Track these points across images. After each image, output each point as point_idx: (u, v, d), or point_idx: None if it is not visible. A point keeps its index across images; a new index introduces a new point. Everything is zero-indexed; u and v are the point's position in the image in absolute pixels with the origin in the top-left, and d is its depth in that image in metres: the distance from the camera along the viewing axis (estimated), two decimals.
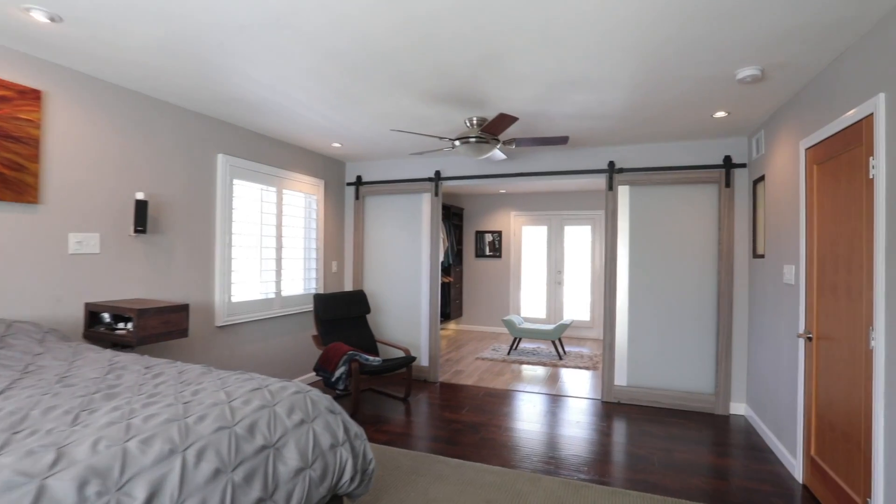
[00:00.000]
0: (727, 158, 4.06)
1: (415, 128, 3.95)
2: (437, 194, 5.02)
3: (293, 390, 1.64)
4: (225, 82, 2.96)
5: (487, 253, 8.21)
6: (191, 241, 3.55)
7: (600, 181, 6.35)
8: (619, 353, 4.38)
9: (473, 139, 3.43)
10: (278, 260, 4.43)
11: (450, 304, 7.71)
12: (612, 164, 4.39)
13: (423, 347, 5.10)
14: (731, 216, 4.04)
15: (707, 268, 4.15)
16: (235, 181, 3.95)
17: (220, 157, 3.78)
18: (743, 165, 4.04)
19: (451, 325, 8.40)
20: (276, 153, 4.41)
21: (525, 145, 3.59)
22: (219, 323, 3.77)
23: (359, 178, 5.38)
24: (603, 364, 4.41)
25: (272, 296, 4.38)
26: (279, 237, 4.44)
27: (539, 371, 5.50)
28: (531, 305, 8.01)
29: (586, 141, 4.28)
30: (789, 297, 3.08)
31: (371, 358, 4.06)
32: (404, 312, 5.20)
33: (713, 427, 3.76)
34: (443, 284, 7.72)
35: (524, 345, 7.01)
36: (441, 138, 3.41)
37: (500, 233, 8.14)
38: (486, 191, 7.83)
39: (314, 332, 4.89)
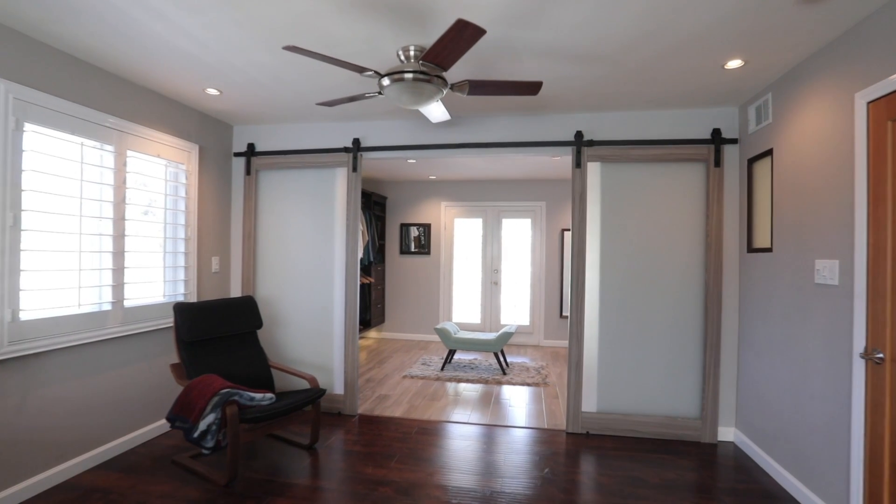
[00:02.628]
0: (716, 132, 3.33)
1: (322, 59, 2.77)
2: (355, 169, 3.84)
3: None
4: None
5: (413, 249, 7.12)
6: None
7: (550, 165, 5.46)
8: (588, 371, 3.50)
9: (410, 74, 2.34)
10: (118, 254, 3.01)
11: (370, 308, 6.52)
12: (579, 134, 3.50)
13: (336, 369, 3.89)
14: (720, 202, 3.32)
15: (693, 265, 3.39)
16: (29, 126, 2.49)
17: None
18: (734, 141, 3.33)
19: (373, 334, 7.21)
20: (114, 95, 2.98)
21: (480, 92, 2.56)
22: None
23: (251, 146, 4.04)
24: (568, 386, 3.51)
25: (107, 307, 2.95)
26: (120, 220, 3.02)
27: (481, 391, 4.51)
28: (465, 309, 7.05)
29: (550, 104, 3.35)
30: (827, 302, 2.34)
31: (258, 395, 2.80)
32: (312, 324, 3.95)
33: (708, 464, 2.99)
34: (362, 286, 6.50)
35: (460, 356, 6.02)
36: (362, 70, 2.27)
37: (428, 226, 7.09)
38: (412, 177, 6.74)
39: (175, 359, 3.47)
